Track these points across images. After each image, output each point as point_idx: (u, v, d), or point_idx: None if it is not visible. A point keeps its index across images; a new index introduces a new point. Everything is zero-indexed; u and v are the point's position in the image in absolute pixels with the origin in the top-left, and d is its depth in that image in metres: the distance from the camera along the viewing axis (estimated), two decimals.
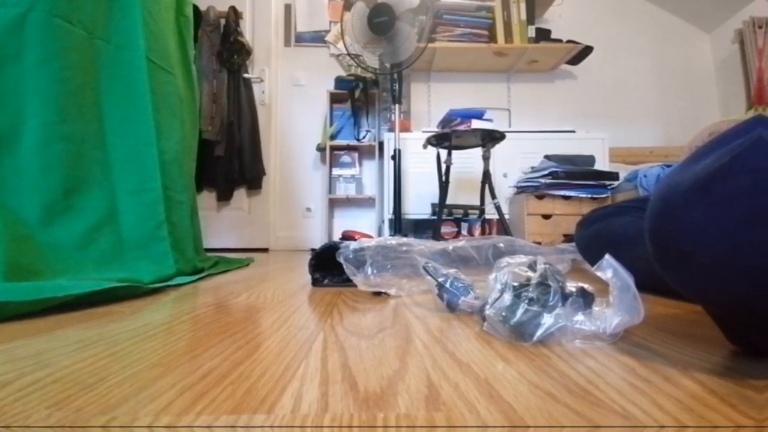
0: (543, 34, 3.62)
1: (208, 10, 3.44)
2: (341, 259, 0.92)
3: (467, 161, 2.97)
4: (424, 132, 3.22)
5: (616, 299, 0.48)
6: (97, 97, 1.22)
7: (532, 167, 2.91)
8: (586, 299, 0.54)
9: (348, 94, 3.62)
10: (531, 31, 3.55)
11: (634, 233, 0.88)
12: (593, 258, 0.95)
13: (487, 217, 2.79)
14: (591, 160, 2.89)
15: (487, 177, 2.56)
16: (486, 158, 2.53)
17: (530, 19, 3.57)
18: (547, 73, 3.95)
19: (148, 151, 1.30)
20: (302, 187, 3.86)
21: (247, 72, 3.57)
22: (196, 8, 2.30)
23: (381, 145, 3.53)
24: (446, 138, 2.54)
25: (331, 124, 3.65)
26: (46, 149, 1.10)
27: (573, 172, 2.75)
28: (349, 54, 2.78)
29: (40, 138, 1.09)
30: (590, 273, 0.55)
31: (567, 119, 3.78)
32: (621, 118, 3.91)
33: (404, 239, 1.01)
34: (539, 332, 0.52)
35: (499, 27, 3.55)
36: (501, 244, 1.10)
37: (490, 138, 2.50)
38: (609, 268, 0.47)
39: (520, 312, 0.54)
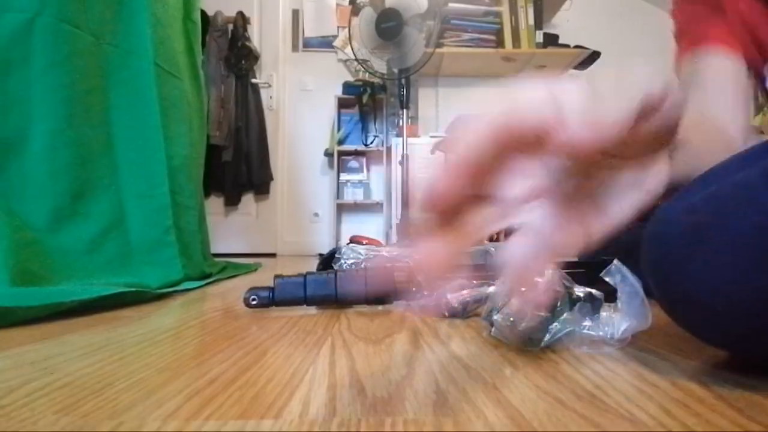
0: (551, 39, 3.60)
1: (216, 15, 3.46)
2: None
3: None
4: (432, 137, 3.21)
5: (624, 304, 0.48)
6: (104, 103, 1.23)
7: None
8: (594, 304, 0.53)
9: (356, 99, 3.62)
10: (539, 36, 3.54)
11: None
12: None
13: None
14: None
15: None
16: None
17: (538, 24, 3.56)
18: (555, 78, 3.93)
19: (155, 156, 1.30)
20: (310, 192, 3.86)
21: (254, 77, 3.58)
22: (203, 13, 2.33)
23: (389, 150, 3.52)
24: None
25: (338, 129, 3.66)
26: (53, 154, 1.10)
27: None
28: (356, 59, 2.79)
29: (48, 143, 1.10)
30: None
31: None
32: None
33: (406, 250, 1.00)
34: (547, 338, 0.52)
35: (506, 32, 3.54)
36: (491, 249, 1.10)
37: None
38: (617, 274, 0.47)
39: (527, 317, 0.53)
